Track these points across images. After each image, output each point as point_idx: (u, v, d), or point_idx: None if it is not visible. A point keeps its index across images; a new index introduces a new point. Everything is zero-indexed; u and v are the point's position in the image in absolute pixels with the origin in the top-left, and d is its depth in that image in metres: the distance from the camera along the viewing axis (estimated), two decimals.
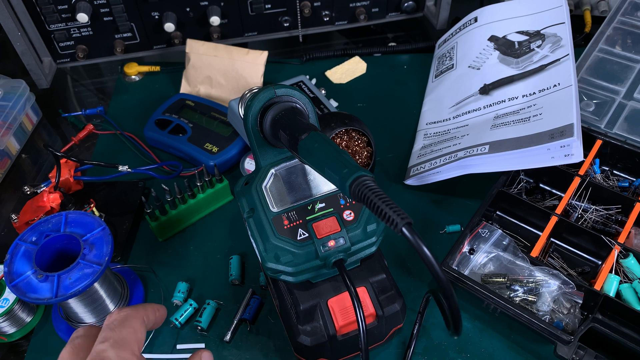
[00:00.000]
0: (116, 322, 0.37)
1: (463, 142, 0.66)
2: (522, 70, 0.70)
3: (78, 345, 0.37)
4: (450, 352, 0.55)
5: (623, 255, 0.56)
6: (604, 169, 0.67)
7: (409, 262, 0.62)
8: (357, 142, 0.65)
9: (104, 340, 0.35)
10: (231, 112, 0.71)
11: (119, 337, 0.35)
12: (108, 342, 0.35)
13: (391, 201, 0.34)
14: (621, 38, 0.77)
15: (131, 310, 0.38)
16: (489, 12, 0.79)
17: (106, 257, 0.50)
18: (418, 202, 0.68)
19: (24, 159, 0.78)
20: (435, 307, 0.57)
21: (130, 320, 0.37)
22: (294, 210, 0.48)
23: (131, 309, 0.38)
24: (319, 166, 0.40)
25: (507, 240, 0.59)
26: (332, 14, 0.91)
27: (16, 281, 0.48)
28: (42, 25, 0.82)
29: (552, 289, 0.54)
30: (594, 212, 0.61)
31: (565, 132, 0.58)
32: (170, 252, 0.65)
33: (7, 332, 0.57)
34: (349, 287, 0.45)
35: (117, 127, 0.79)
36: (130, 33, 0.86)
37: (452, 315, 0.36)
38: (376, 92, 0.85)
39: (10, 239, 0.64)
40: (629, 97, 0.71)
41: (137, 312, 0.38)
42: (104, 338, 0.35)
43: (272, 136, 0.47)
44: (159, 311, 0.41)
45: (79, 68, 0.93)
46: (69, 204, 0.65)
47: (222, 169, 0.71)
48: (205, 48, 0.81)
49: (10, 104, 0.76)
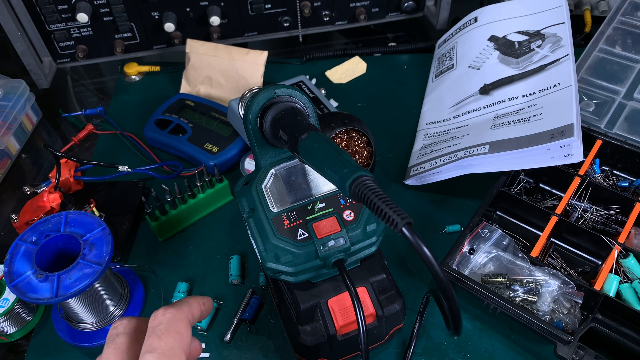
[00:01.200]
0: (162, 327, 0.36)
1: (463, 142, 0.66)
2: (522, 70, 0.70)
3: (121, 345, 0.36)
4: (450, 352, 0.55)
5: (623, 255, 0.56)
6: (604, 169, 0.67)
7: (409, 262, 0.62)
8: (357, 142, 0.65)
9: (151, 350, 0.34)
10: (231, 112, 0.71)
11: (166, 347, 0.34)
12: (156, 354, 0.34)
13: (391, 201, 0.34)
14: (621, 38, 0.77)
15: (176, 311, 0.37)
16: (489, 12, 0.79)
17: (106, 257, 0.50)
18: (418, 202, 0.68)
19: (24, 159, 0.78)
20: (435, 307, 0.57)
21: (176, 323, 0.36)
22: (294, 210, 0.48)
23: (176, 309, 0.37)
24: (319, 166, 0.40)
25: (507, 240, 0.59)
26: (332, 14, 0.91)
27: (16, 281, 0.48)
28: (42, 25, 0.82)
29: (552, 289, 0.54)
30: (594, 212, 0.61)
31: (565, 132, 0.58)
32: (170, 252, 0.65)
33: (7, 332, 0.57)
34: (349, 287, 0.45)
35: (117, 127, 0.79)
36: (130, 33, 0.86)
37: (452, 315, 0.36)
38: (376, 92, 0.85)
39: (10, 239, 0.64)
40: (629, 97, 0.71)
41: (182, 312, 0.37)
42: (150, 347, 0.34)
43: (272, 136, 0.47)
44: (205, 305, 0.41)
45: (79, 68, 0.93)
46: (69, 204, 0.65)
47: (222, 169, 0.71)
48: (205, 48, 0.81)
49: (10, 104, 0.76)
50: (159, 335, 0.35)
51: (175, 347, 0.35)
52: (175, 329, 0.36)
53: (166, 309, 0.37)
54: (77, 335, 0.56)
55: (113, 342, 0.36)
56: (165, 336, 0.35)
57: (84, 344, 0.56)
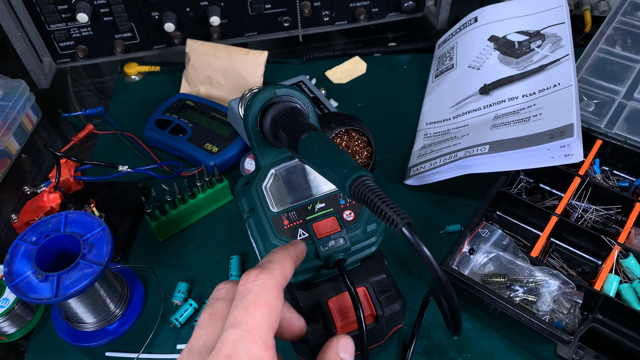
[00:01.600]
0: (250, 296, 0.31)
1: (463, 142, 0.66)
2: (522, 70, 0.70)
3: (218, 312, 0.33)
4: (450, 352, 0.55)
5: (623, 255, 0.56)
6: (604, 169, 0.67)
7: (409, 262, 0.62)
8: (357, 142, 0.65)
9: (235, 324, 0.30)
10: (231, 112, 0.71)
11: (252, 322, 0.30)
12: (239, 331, 0.30)
13: (391, 201, 0.34)
14: (621, 38, 0.77)
15: (268, 277, 0.32)
16: (489, 12, 0.79)
17: (106, 257, 0.50)
18: (418, 202, 0.68)
19: (24, 159, 0.78)
20: (435, 307, 0.57)
21: (267, 293, 0.32)
22: (294, 210, 0.48)
23: (268, 274, 0.33)
24: (319, 166, 0.40)
25: (507, 240, 0.59)
26: (332, 14, 0.91)
27: (16, 281, 0.48)
28: (42, 25, 0.82)
29: (552, 289, 0.54)
30: (594, 212, 0.61)
31: (565, 132, 0.58)
32: (170, 252, 0.65)
33: (7, 332, 0.57)
34: (349, 287, 0.45)
35: (117, 127, 0.79)
36: (130, 33, 0.86)
37: (452, 315, 0.36)
38: (376, 92, 0.85)
39: (10, 239, 0.64)
40: (629, 97, 0.71)
41: (273, 277, 0.33)
42: (235, 321, 0.31)
43: (272, 136, 0.47)
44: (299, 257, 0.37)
45: (79, 68, 0.93)
46: (69, 204, 0.65)
47: (222, 169, 0.71)
48: (205, 48, 0.81)
49: (10, 104, 0.76)
50: (246, 307, 0.31)
51: (263, 322, 0.31)
52: (265, 300, 0.32)
53: (258, 273, 0.33)
54: (77, 335, 0.56)
55: (212, 306, 0.33)
56: (253, 309, 0.31)
57: (84, 344, 0.56)
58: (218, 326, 0.32)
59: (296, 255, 0.37)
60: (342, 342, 0.36)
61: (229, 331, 0.30)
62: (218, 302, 0.34)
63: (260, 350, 0.30)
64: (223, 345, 0.30)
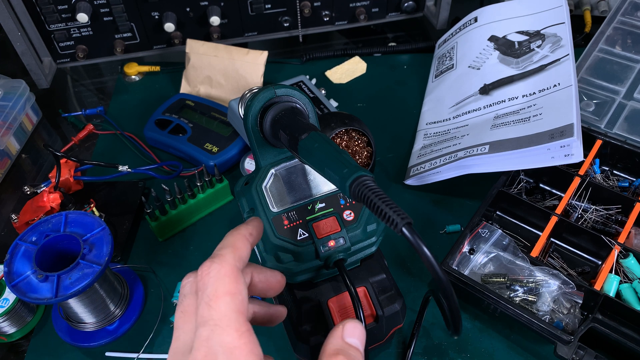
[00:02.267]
0: (209, 291, 0.31)
1: (463, 142, 0.66)
2: (522, 70, 0.70)
3: (188, 308, 0.32)
4: (450, 352, 0.55)
5: (623, 255, 0.56)
6: (604, 169, 0.67)
7: (409, 262, 0.62)
8: (357, 142, 0.65)
9: (203, 322, 0.30)
10: (231, 112, 0.71)
11: (218, 316, 0.30)
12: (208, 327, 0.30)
13: (391, 201, 0.34)
14: (621, 38, 0.77)
15: (220, 265, 0.32)
16: (489, 12, 0.79)
17: (106, 257, 0.50)
18: (418, 202, 0.68)
19: (24, 159, 0.78)
20: (435, 307, 0.57)
21: (223, 281, 0.31)
22: (294, 210, 0.48)
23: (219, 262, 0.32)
24: (319, 166, 0.40)
25: (507, 240, 0.59)
26: (332, 14, 0.91)
27: (16, 281, 0.48)
28: (42, 25, 0.82)
29: (552, 289, 0.54)
30: (594, 212, 0.61)
31: (565, 132, 0.58)
32: (170, 252, 0.65)
33: (7, 332, 0.57)
34: (349, 287, 0.45)
35: (117, 127, 0.79)
36: (130, 33, 0.86)
37: (452, 315, 0.36)
38: (376, 92, 0.85)
39: (10, 239, 0.64)
40: (629, 97, 0.71)
41: (226, 263, 0.32)
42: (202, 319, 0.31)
43: (272, 136, 0.47)
44: (253, 234, 0.36)
45: (79, 68, 0.93)
46: (69, 204, 0.65)
47: (222, 169, 0.71)
48: (205, 48, 0.81)
49: (10, 104, 0.76)
50: (208, 302, 0.31)
51: (229, 311, 0.30)
52: (223, 289, 0.31)
53: (210, 264, 0.32)
54: (77, 335, 0.56)
55: (181, 304, 0.33)
56: (215, 302, 0.31)
57: (84, 344, 0.56)
58: (192, 322, 0.32)
59: (249, 232, 0.36)
60: (348, 327, 0.34)
61: (200, 330, 0.30)
62: (186, 299, 0.33)
63: (234, 339, 0.30)
64: (198, 345, 0.30)
